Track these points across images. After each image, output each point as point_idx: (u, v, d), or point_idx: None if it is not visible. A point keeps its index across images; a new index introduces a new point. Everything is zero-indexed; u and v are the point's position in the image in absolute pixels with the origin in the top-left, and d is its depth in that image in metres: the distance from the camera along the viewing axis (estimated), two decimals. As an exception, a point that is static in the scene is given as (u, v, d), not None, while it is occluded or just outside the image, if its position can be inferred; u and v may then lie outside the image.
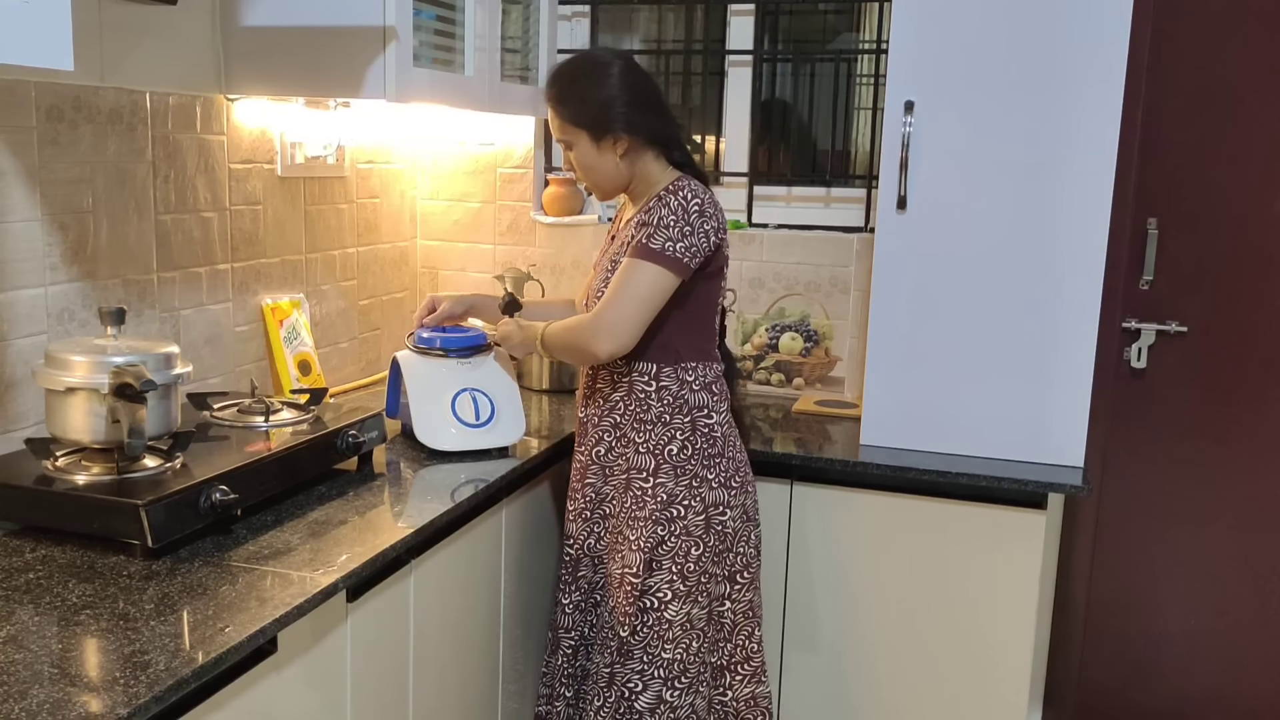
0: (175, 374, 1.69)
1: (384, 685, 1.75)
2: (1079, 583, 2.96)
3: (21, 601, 1.40)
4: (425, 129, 3.01)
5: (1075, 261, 2.20)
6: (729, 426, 2.05)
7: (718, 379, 2.05)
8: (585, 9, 3.01)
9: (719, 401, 2.04)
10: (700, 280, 1.97)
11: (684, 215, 1.89)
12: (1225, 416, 2.79)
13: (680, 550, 1.99)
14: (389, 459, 2.11)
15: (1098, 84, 2.13)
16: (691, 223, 1.90)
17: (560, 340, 2.01)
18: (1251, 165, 2.69)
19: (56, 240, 1.85)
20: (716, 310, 2.05)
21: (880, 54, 2.82)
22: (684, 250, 1.89)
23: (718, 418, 2.03)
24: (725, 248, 1.99)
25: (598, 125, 1.95)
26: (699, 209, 1.91)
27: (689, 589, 2.00)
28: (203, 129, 2.16)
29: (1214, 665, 2.90)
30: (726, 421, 2.05)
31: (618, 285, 1.90)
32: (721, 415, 2.04)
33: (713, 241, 1.93)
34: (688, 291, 1.95)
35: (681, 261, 1.89)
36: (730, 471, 2.03)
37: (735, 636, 2.10)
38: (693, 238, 1.90)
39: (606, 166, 1.99)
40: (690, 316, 1.99)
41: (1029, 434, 2.27)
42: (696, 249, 1.90)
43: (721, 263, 2.00)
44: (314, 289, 2.57)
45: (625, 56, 1.99)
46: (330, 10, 2.07)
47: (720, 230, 1.95)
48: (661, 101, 2.01)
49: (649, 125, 1.96)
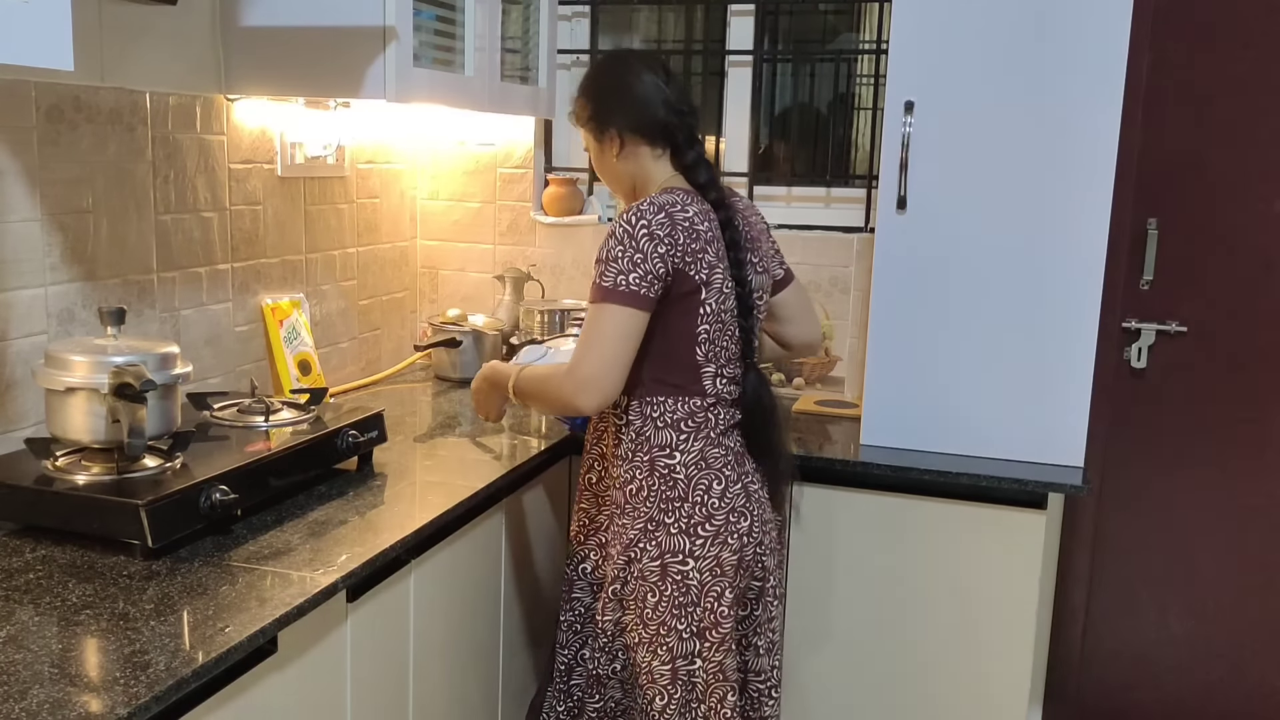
0: (175, 374, 1.69)
1: (384, 685, 1.75)
2: (1079, 583, 2.96)
3: (21, 601, 1.40)
4: (425, 129, 3.01)
5: (1075, 261, 2.20)
6: (699, 468, 1.81)
7: (691, 415, 1.82)
8: (585, 9, 3.01)
9: (687, 440, 1.82)
10: (669, 306, 1.77)
11: (631, 243, 1.72)
12: (1225, 416, 2.79)
13: (638, 595, 1.83)
14: (389, 459, 2.11)
15: (1098, 84, 2.13)
16: (641, 249, 1.72)
17: (534, 390, 1.87)
18: (1251, 165, 2.69)
19: (56, 240, 1.85)
20: (694, 338, 1.80)
21: (880, 54, 2.82)
22: (637, 281, 1.71)
23: (681, 458, 1.81)
24: (697, 266, 1.76)
25: (594, 120, 1.90)
26: (646, 232, 1.72)
27: (650, 637, 1.82)
28: (203, 129, 2.16)
29: (1214, 665, 2.90)
30: (696, 462, 1.81)
31: (586, 334, 1.75)
32: (688, 455, 1.81)
33: (670, 266, 1.73)
34: (653, 322, 1.77)
35: (639, 294, 1.72)
36: (696, 519, 1.80)
37: (708, 699, 1.85)
38: (645, 265, 1.72)
39: (607, 166, 1.92)
40: (658, 349, 1.80)
41: (1029, 434, 2.27)
42: (653, 276, 1.72)
43: (692, 286, 1.76)
44: (314, 289, 2.57)
45: (644, 53, 1.95)
46: (330, 10, 2.07)
47: (678, 251, 1.74)
48: (667, 98, 1.85)
49: (642, 122, 1.85)
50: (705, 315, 1.79)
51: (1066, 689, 3.01)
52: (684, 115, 1.86)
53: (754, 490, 1.88)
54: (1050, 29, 2.14)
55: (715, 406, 1.84)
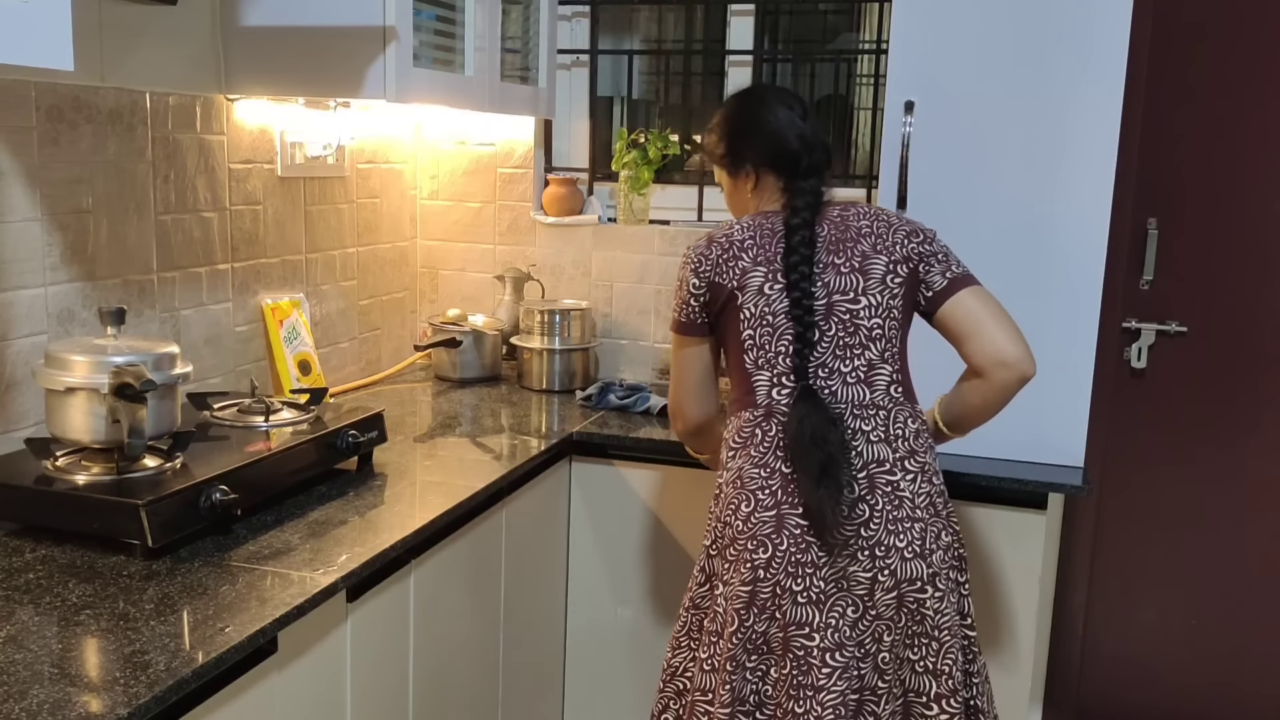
0: (175, 374, 1.69)
1: (384, 685, 1.75)
2: (1079, 583, 2.96)
3: (21, 601, 1.40)
4: (425, 129, 3.01)
5: (1075, 261, 2.20)
6: (735, 487, 1.72)
7: (740, 429, 1.76)
8: (585, 9, 3.01)
9: (733, 456, 1.75)
10: (721, 320, 1.78)
11: (679, 276, 1.82)
12: (1225, 416, 2.79)
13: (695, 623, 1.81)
14: (389, 459, 2.11)
15: (1098, 84, 2.13)
16: (681, 277, 1.81)
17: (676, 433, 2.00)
18: (1251, 165, 2.69)
19: (56, 240, 1.85)
20: (741, 345, 1.76)
21: (880, 54, 2.82)
22: (679, 308, 1.81)
23: (724, 475, 1.76)
24: (730, 274, 1.74)
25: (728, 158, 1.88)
26: (683, 261, 1.80)
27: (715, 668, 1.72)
28: (203, 129, 2.16)
29: (1214, 665, 2.90)
30: (733, 480, 1.73)
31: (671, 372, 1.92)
32: (729, 472, 1.75)
33: (703, 282, 1.76)
34: (719, 343, 1.83)
35: (681, 321, 1.81)
36: (724, 541, 1.73)
37: None
38: (682, 291, 1.80)
39: (740, 201, 1.90)
40: (727, 368, 1.82)
41: (1029, 434, 2.27)
42: (688, 301, 1.79)
43: (727, 293, 1.74)
44: (314, 289, 2.57)
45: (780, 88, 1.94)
46: (330, 10, 2.07)
47: (707, 267, 1.76)
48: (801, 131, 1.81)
49: (776, 154, 1.82)
50: (747, 319, 1.74)
51: (1067, 689, 3.01)
52: (814, 149, 1.81)
53: (793, 524, 1.67)
54: (1050, 29, 2.14)
55: (766, 422, 1.73)
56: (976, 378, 1.80)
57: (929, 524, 1.72)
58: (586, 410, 2.59)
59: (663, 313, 2.92)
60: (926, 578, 1.69)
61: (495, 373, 2.87)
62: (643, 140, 2.94)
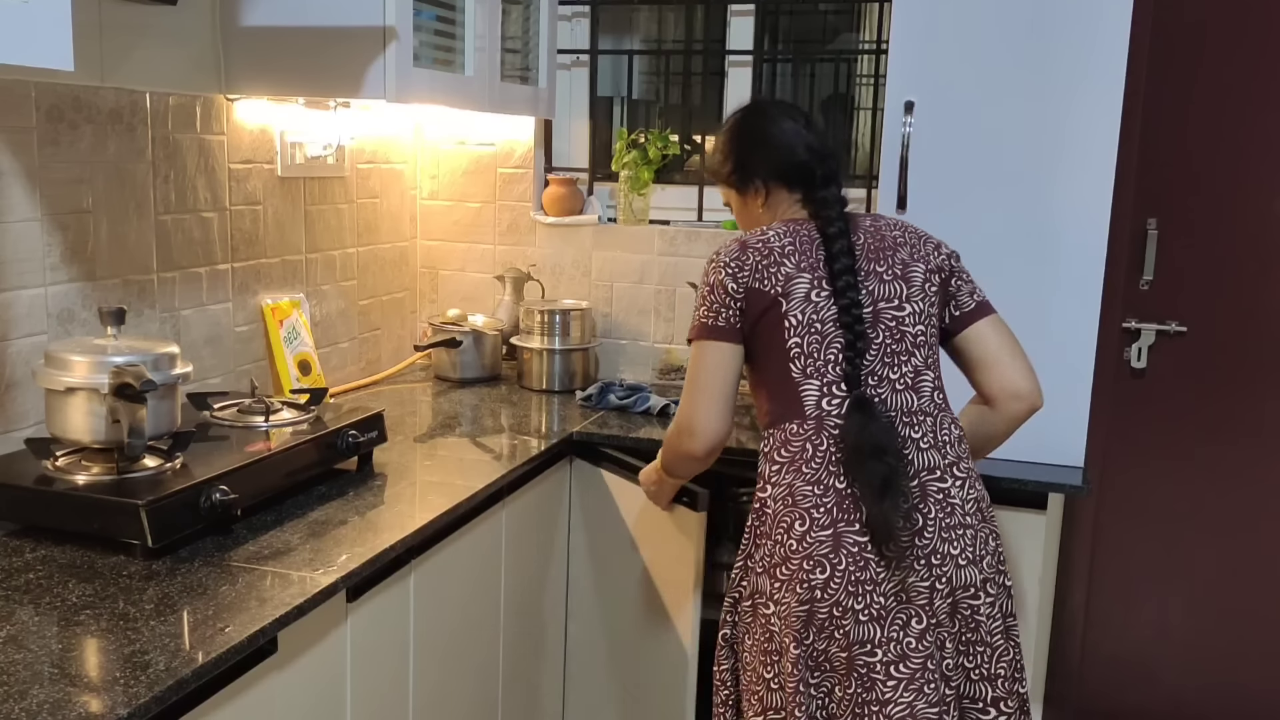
0: (175, 374, 1.69)
1: (384, 685, 1.75)
2: (1078, 583, 2.96)
3: (21, 601, 1.40)
4: (425, 129, 3.01)
5: (1075, 262, 2.20)
6: (785, 504, 1.66)
7: (787, 443, 1.69)
8: (585, 9, 3.01)
9: (780, 471, 1.69)
10: (759, 329, 1.71)
11: (704, 282, 1.75)
12: (1225, 416, 2.79)
13: (739, 638, 1.75)
14: (389, 459, 2.11)
15: (1098, 84, 2.13)
16: (709, 282, 1.73)
17: (668, 456, 1.88)
18: (1251, 165, 2.69)
19: (56, 240, 1.85)
20: (786, 353, 1.69)
21: (880, 54, 2.82)
22: (706, 313, 1.73)
23: (771, 490, 1.69)
24: (772, 280, 1.69)
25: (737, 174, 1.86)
26: (714, 264, 1.73)
27: (747, 684, 1.72)
28: (203, 129, 2.16)
29: (1214, 665, 2.90)
30: (783, 497, 1.67)
31: (686, 377, 1.78)
32: (777, 488, 1.68)
33: (739, 286, 1.70)
34: (752, 353, 1.74)
35: (707, 325, 1.72)
36: (775, 559, 1.66)
37: None
38: (712, 295, 1.72)
39: (750, 216, 1.88)
40: (765, 377, 1.74)
41: (1029, 434, 2.26)
42: (719, 305, 1.71)
43: (769, 300, 1.69)
44: (314, 289, 2.57)
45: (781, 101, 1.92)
46: (330, 10, 2.07)
47: (745, 272, 1.70)
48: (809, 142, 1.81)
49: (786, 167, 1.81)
50: (794, 326, 1.68)
51: (1067, 689, 3.01)
52: (825, 158, 1.81)
53: (850, 542, 1.62)
54: (1050, 29, 2.14)
55: (816, 435, 1.67)
56: (985, 406, 1.82)
57: (978, 530, 1.72)
58: (586, 410, 2.59)
59: (663, 313, 2.91)
60: (979, 584, 1.69)
61: (495, 373, 2.87)
62: (643, 140, 2.94)
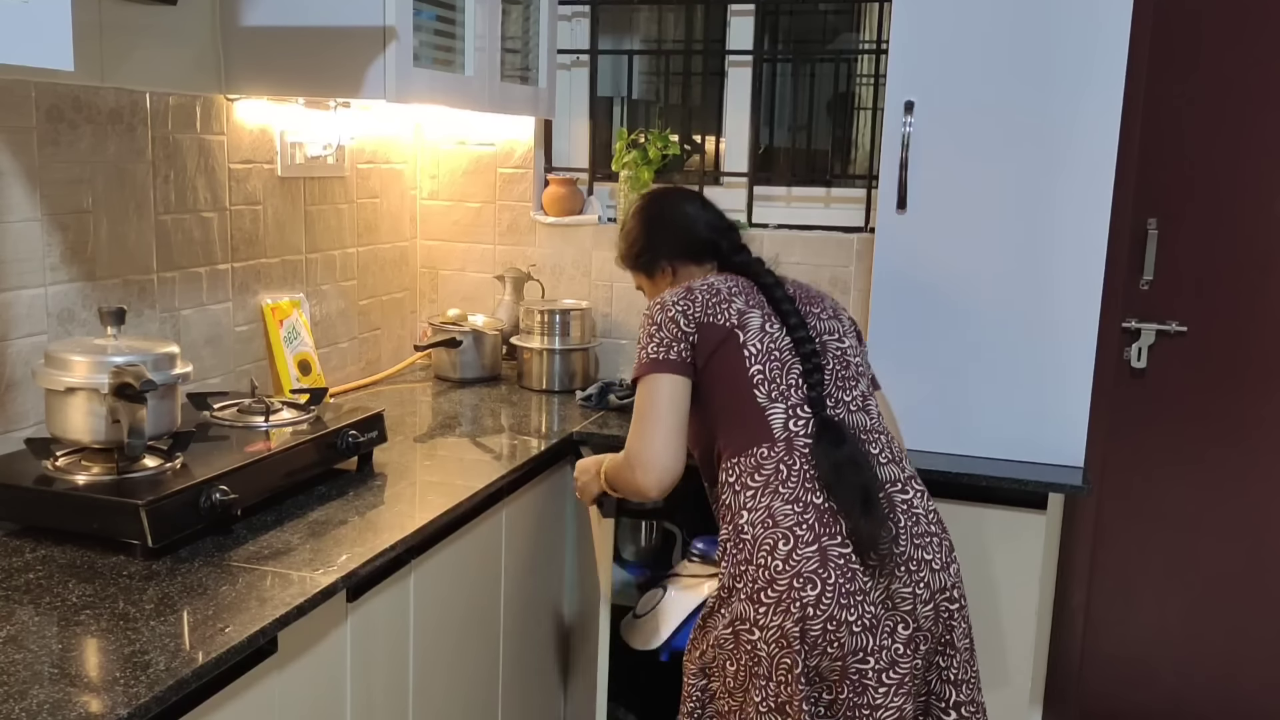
0: (175, 374, 1.69)
1: (384, 685, 1.75)
2: (1078, 583, 2.96)
3: (21, 601, 1.40)
4: (425, 129, 3.01)
5: (1075, 261, 2.20)
6: (766, 527, 1.68)
7: (759, 467, 1.72)
8: (585, 9, 3.01)
9: (755, 495, 1.71)
10: (714, 360, 1.77)
11: (649, 320, 1.82)
12: (1225, 416, 2.79)
13: (719, 662, 1.73)
14: (389, 459, 2.11)
15: (1098, 84, 2.13)
16: (657, 320, 1.80)
17: (614, 476, 1.88)
18: (1251, 165, 2.69)
19: (56, 240, 1.85)
20: (750, 380, 1.75)
21: (880, 54, 2.82)
22: (656, 349, 1.78)
23: (748, 515, 1.70)
24: (725, 314, 1.78)
25: (642, 259, 2.02)
26: (660, 304, 1.82)
27: (736, 706, 1.71)
28: (203, 129, 2.16)
29: (1214, 665, 2.90)
30: (763, 520, 1.68)
31: (634, 413, 1.80)
32: (755, 512, 1.70)
33: (691, 323, 1.78)
34: (701, 385, 1.79)
35: (661, 359, 1.77)
36: (760, 583, 1.66)
37: None
38: (662, 332, 1.78)
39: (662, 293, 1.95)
40: (722, 406, 1.78)
41: (1029, 434, 2.27)
42: (671, 339, 1.77)
43: (724, 332, 1.77)
44: (314, 289, 2.57)
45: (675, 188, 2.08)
46: (330, 10, 2.07)
47: (696, 309, 1.79)
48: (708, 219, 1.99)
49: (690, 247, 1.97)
50: (754, 355, 1.76)
51: (1067, 689, 3.01)
52: (725, 231, 1.98)
53: (836, 555, 1.65)
54: (1050, 29, 2.14)
55: (789, 456, 1.71)
56: None
57: (942, 538, 1.79)
58: (586, 410, 2.59)
59: (663, 313, 2.91)
60: (951, 587, 1.76)
61: (495, 373, 2.87)
62: (643, 140, 2.94)
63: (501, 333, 2.87)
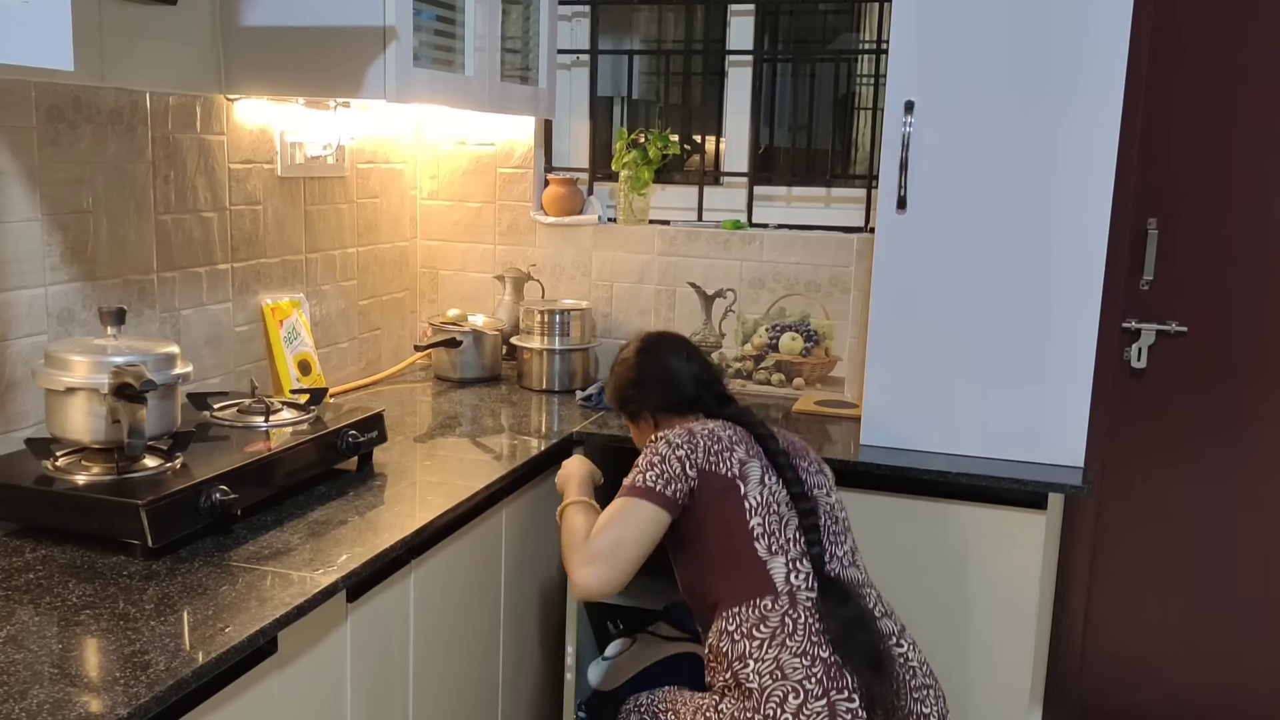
0: (175, 374, 1.69)
1: (384, 685, 1.75)
2: (1079, 583, 2.96)
3: (21, 601, 1.40)
4: (425, 129, 3.01)
5: (1075, 261, 2.20)
6: (775, 679, 1.67)
7: (764, 619, 1.72)
8: (585, 9, 3.01)
9: (762, 647, 1.70)
10: (712, 509, 1.79)
11: (653, 452, 1.82)
12: (1225, 416, 2.79)
13: None
14: (389, 459, 2.11)
15: (1098, 84, 2.13)
16: (660, 453, 1.81)
17: (565, 532, 1.86)
18: (1251, 165, 2.69)
19: (56, 240, 1.85)
20: (749, 534, 1.77)
21: (880, 54, 2.82)
22: (654, 479, 1.78)
23: (754, 665, 1.70)
24: (726, 463, 1.80)
25: (626, 409, 2.07)
26: (665, 441, 1.82)
27: None
28: (203, 129, 2.16)
29: (1214, 665, 2.90)
30: (771, 672, 1.68)
31: (606, 515, 1.79)
32: (763, 663, 1.69)
33: (694, 466, 1.79)
34: (696, 531, 1.80)
35: (654, 490, 1.76)
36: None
37: None
38: (662, 465, 1.79)
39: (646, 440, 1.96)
40: (719, 554, 1.79)
41: (1029, 434, 2.27)
42: (670, 475, 1.78)
43: (726, 483, 1.79)
44: (314, 289, 2.57)
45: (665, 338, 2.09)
46: (330, 10, 2.07)
47: (699, 454, 1.80)
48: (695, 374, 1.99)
49: (673, 402, 1.99)
50: (754, 507, 1.78)
51: (1067, 689, 3.01)
52: (711, 386, 2.00)
53: (844, 710, 1.66)
54: (1050, 29, 2.14)
55: (793, 610, 1.72)
56: None
57: (937, 689, 1.84)
58: (586, 410, 2.59)
59: (663, 313, 2.91)
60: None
61: (495, 373, 2.87)
62: (643, 140, 2.94)
63: (501, 333, 2.87)
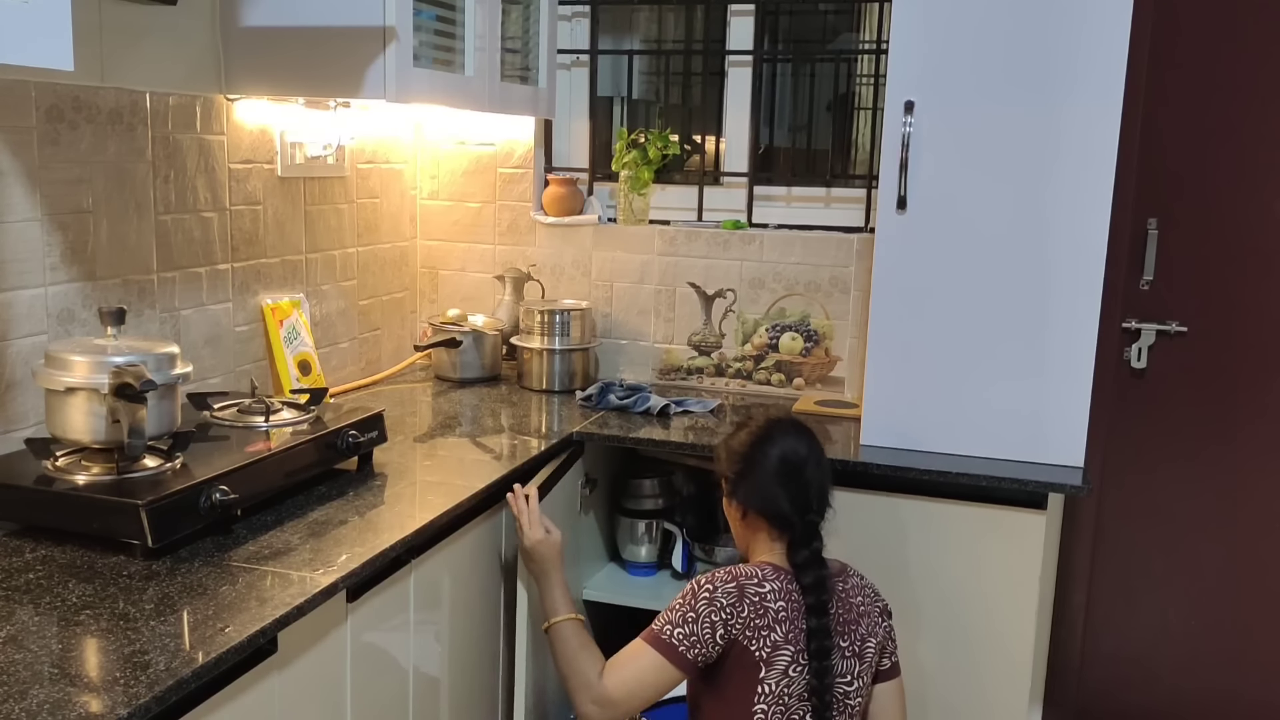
0: (175, 374, 1.69)
1: (384, 685, 1.75)
2: (1078, 583, 2.96)
3: (21, 601, 1.40)
4: (425, 129, 3.01)
5: (1075, 261, 2.20)
6: None
7: None
8: (585, 9, 3.01)
9: None
10: (728, 678, 1.75)
11: (692, 600, 1.74)
12: (1225, 416, 2.79)
13: None
14: (389, 459, 2.11)
15: (1098, 83, 2.13)
16: (698, 610, 1.73)
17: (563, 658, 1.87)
18: (1251, 165, 2.69)
19: (56, 240, 1.85)
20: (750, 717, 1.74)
21: (880, 54, 2.82)
22: (681, 637, 1.73)
23: None
24: (760, 643, 1.73)
25: (727, 483, 1.90)
26: (708, 596, 1.73)
27: None
28: (203, 129, 2.16)
29: (1214, 665, 2.90)
30: None
31: (626, 657, 1.78)
32: None
33: (727, 634, 1.72)
34: (706, 677, 1.77)
35: (676, 649, 1.73)
36: None
37: None
38: (694, 625, 1.73)
39: (733, 520, 1.91)
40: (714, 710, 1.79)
41: (1029, 434, 2.27)
42: (696, 638, 1.73)
43: (752, 662, 1.73)
44: (314, 289, 2.57)
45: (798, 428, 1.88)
46: (330, 10, 2.07)
47: (737, 623, 1.72)
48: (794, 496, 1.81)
49: (766, 510, 1.83)
50: (764, 695, 1.73)
51: (1066, 689, 3.01)
52: (806, 515, 1.81)
53: None
54: (1050, 29, 2.14)
55: None
56: None
57: None
58: (586, 410, 2.59)
59: (663, 313, 2.91)
60: None
61: (495, 373, 2.87)
62: (643, 140, 2.94)
63: (501, 333, 2.87)
